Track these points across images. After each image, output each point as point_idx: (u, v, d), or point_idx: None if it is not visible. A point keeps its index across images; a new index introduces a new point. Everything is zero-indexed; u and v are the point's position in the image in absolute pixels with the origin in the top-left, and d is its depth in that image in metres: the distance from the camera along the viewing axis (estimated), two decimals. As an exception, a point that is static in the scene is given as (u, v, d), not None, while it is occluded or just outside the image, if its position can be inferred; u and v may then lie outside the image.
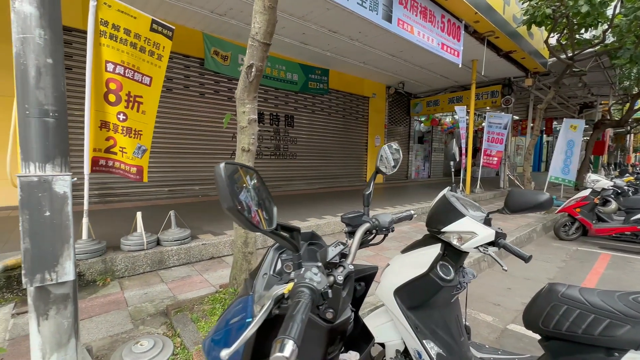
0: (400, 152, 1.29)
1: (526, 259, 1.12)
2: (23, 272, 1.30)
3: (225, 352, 0.50)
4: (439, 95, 11.53)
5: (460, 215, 1.28)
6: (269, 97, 8.00)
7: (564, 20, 5.98)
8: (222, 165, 0.55)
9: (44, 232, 1.33)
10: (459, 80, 10.13)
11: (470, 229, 1.25)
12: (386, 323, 1.45)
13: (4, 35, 4.56)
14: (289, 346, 0.44)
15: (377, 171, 1.20)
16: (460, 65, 6.15)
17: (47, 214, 1.33)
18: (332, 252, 0.80)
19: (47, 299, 1.39)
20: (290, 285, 0.61)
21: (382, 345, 1.46)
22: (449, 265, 1.33)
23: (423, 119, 13.08)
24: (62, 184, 1.35)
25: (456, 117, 9.95)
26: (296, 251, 0.68)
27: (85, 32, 2.66)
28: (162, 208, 5.07)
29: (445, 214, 1.34)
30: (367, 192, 1.12)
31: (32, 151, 1.32)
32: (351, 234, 1.02)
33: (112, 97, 2.78)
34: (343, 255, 0.86)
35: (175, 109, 6.40)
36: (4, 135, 4.74)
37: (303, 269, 0.66)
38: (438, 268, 1.30)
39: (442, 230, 1.31)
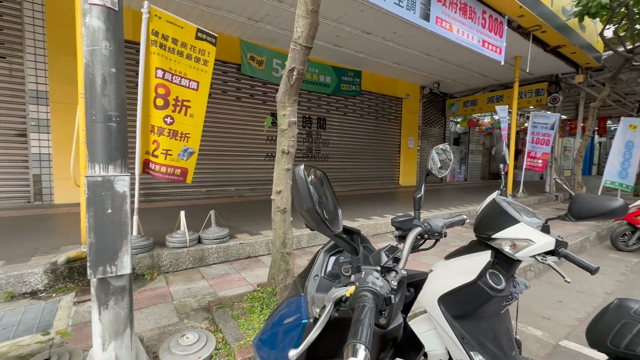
0: (451, 154, 1.25)
1: (593, 271, 1.03)
2: (88, 264, 1.42)
3: (293, 353, 0.50)
4: (477, 95, 11.01)
5: (514, 221, 1.20)
6: (302, 99, 8.11)
7: (623, 10, 5.46)
8: (302, 167, 0.54)
9: (106, 228, 1.44)
10: (500, 79, 9.62)
11: (526, 236, 1.17)
12: (429, 331, 1.40)
13: (70, 49, 5.05)
14: (362, 351, 0.43)
15: (428, 173, 1.16)
16: (502, 63, 5.84)
17: (109, 211, 1.44)
18: (386, 256, 0.78)
19: (108, 290, 1.50)
20: (352, 288, 0.60)
21: (425, 354, 1.41)
22: (499, 274, 1.25)
23: (459, 119, 12.57)
24: (122, 183, 1.46)
25: (496, 117, 9.45)
26: (356, 254, 0.68)
27: (132, 43, 2.86)
28: (201, 207, 5.31)
29: (496, 219, 1.26)
30: (418, 195, 1.08)
31: (97, 153, 1.43)
32: (402, 238, 0.99)
33: (159, 101, 2.96)
34: (395, 260, 0.84)
35: (213, 113, 6.68)
36: (65, 138, 5.23)
37: (363, 272, 0.65)
38: (488, 276, 1.23)
39: (493, 236, 1.24)
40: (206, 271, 3.09)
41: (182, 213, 3.23)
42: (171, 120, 3.03)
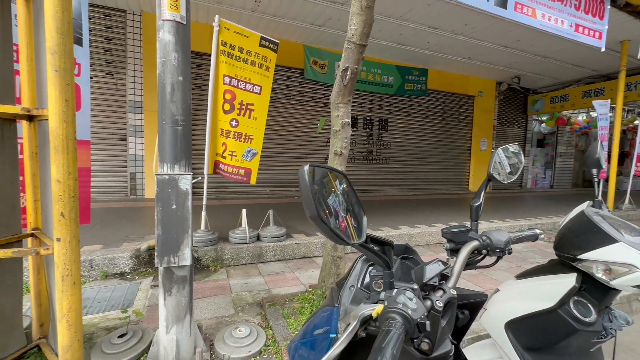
0: (522, 156, 1.06)
1: None
2: (156, 254, 1.58)
3: None
4: (569, 89, 9.50)
5: (610, 240, 0.96)
6: (363, 101, 8.00)
7: None
8: (306, 168, 0.48)
9: (171, 222, 1.58)
10: (599, 69, 8.15)
11: (628, 260, 0.92)
12: None
13: (153, 63, 5.81)
14: (377, 387, 0.37)
15: (490, 179, 1.00)
16: (602, 49, 4.91)
17: (174, 207, 1.58)
18: (430, 272, 0.68)
19: (172, 279, 1.65)
20: (380, 307, 0.53)
21: None
22: (588, 303, 1.02)
23: (545, 117, 11.00)
24: (185, 182, 1.59)
25: (593, 114, 8.02)
26: (388, 268, 0.60)
27: (200, 54, 3.13)
28: (263, 206, 5.59)
29: (584, 236, 1.03)
30: (477, 204, 0.94)
31: (165, 154, 1.59)
32: (454, 252, 0.87)
33: (227, 106, 3.20)
34: (443, 277, 0.74)
35: (277, 117, 7.00)
36: (153, 141, 5.99)
37: (395, 290, 0.57)
38: (572, 305, 1.01)
39: (580, 257, 1.01)
40: (263, 268, 3.22)
41: (244, 211, 3.43)
42: (236, 123, 3.25)
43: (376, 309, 0.54)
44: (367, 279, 0.78)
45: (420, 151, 9.01)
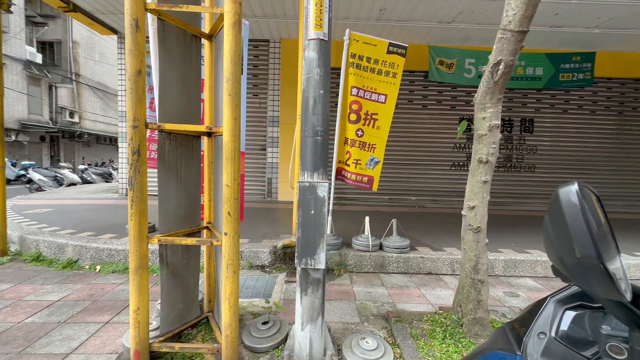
0: None
1: None
2: (296, 254, 1.71)
3: None
4: None
5: None
6: (500, 100, 6.92)
7: None
8: (574, 187, 0.36)
9: (309, 226, 1.69)
10: None
11: None
12: None
13: (288, 81, 6.58)
14: None
15: None
16: None
17: (312, 212, 1.68)
18: None
19: (307, 279, 1.76)
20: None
21: None
22: None
23: None
24: (323, 189, 1.67)
25: None
26: None
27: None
28: (382, 214, 5.50)
29: None
30: None
31: (306, 162, 1.72)
32: None
33: (353, 117, 3.28)
34: None
35: (398, 123, 6.82)
36: (289, 151, 6.73)
37: None
38: None
39: None
40: (385, 279, 3.13)
41: (367, 219, 3.43)
42: (361, 133, 3.30)
43: None
44: (566, 328, 0.60)
45: (582, 157, 7.12)
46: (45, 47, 17.91)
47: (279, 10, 5.44)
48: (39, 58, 16.65)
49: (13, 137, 15.03)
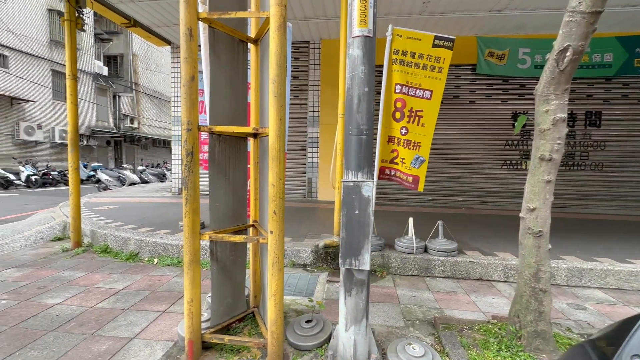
0: None
1: None
2: (340, 254, 1.70)
3: None
4: None
5: None
6: (560, 91, 6.29)
7: None
8: None
9: (354, 227, 1.67)
10: None
11: None
12: None
13: (328, 82, 6.59)
14: None
15: None
16: None
17: (357, 212, 1.66)
18: None
19: (352, 280, 1.74)
20: None
21: None
22: None
23: None
24: (368, 188, 1.64)
25: None
26: None
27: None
28: (425, 215, 5.28)
29: None
30: None
31: (350, 162, 1.69)
32: None
33: (397, 115, 3.18)
34: None
35: (443, 120, 6.50)
36: (329, 151, 6.76)
37: None
38: None
39: None
40: (431, 283, 2.99)
41: (411, 220, 3.31)
42: (406, 131, 3.19)
43: None
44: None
45: (662, 153, 6.22)
46: (110, 60, 19.95)
47: (319, 11, 5.47)
48: (105, 71, 18.60)
49: (85, 142, 16.94)
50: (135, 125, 20.68)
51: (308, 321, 2.07)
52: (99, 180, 12.21)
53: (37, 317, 2.24)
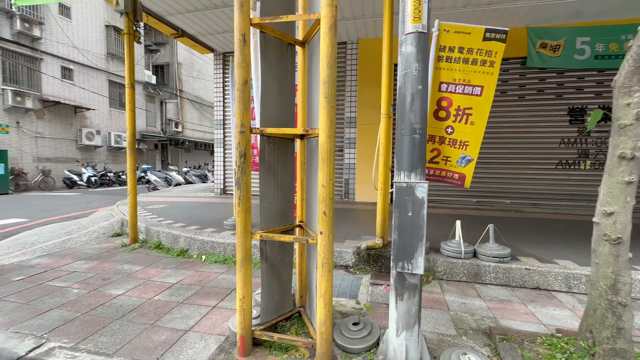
0: None
1: None
2: (392, 257, 1.66)
3: None
4: None
5: None
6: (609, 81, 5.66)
7: None
8: None
9: (407, 229, 1.62)
10: None
11: None
12: None
13: (365, 82, 6.51)
14: None
15: None
16: None
17: (410, 214, 1.60)
18: None
19: (403, 284, 1.69)
20: None
21: None
22: None
23: None
24: (421, 190, 1.58)
25: None
26: None
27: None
28: (470, 218, 5.01)
29: None
30: None
31: (403, 162, 1.65)
32: None
33: (442, 114, 3.05)
34: None
35: (490, 117, 6.12)
36: (366, 152, 6.70)
37: None
38: None
39: None
40: (482, 290, 2.82)
41: (458, 223, 3.16)
42: (451, 130, 3.05)
43: None
44: None
45: None
46: (158, 69, 21.44)
47: (357, 11, 5.43)
48: (153, 79, 20.02)
49: (137, 146, 18.38)
50: (180, 129, 22.00)
51: (355, 323, 2.04)
52: (148, 181, 13.15)
53: (104, 306, 2.45)
